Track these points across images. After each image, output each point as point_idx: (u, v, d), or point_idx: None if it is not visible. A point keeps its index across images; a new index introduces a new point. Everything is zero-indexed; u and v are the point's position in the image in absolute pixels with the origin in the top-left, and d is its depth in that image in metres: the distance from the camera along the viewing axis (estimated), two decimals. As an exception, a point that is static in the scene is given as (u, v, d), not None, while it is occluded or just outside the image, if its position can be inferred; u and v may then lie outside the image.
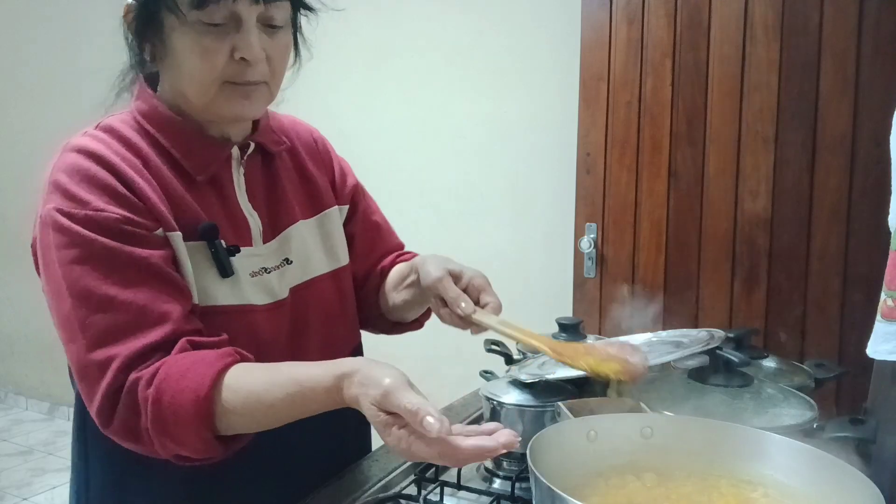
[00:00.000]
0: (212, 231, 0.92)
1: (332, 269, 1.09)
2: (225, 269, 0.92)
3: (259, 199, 1.01)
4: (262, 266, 0.98)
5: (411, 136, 2.77)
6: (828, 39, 1.93)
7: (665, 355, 1.05)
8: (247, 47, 0.87)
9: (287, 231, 1.03)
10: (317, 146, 1.15)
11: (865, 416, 0.96)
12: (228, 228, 0.95)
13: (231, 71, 0.89)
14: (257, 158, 1.03)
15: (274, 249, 1.01)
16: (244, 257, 0.96)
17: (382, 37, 2.76)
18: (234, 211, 0.98)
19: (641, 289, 2.19)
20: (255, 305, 0.95)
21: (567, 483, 0.77)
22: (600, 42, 2.17)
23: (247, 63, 0.89)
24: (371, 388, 0.74)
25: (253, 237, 0.98)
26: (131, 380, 0.82)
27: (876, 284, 0.92)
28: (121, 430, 0.84)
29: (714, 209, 2.09)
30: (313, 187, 1.10)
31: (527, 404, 1.08)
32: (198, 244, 0.91)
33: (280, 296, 0.99)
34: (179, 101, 0.95)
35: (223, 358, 0.83)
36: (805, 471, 0.77)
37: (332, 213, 1.12)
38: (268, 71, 0.92)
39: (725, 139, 2.05)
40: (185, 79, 0.91)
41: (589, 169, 2.23)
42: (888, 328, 0.89)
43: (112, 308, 0.84)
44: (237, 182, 0.99)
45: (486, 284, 1.02)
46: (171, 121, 0.94)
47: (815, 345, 1.98)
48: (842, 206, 1.95)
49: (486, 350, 1.33)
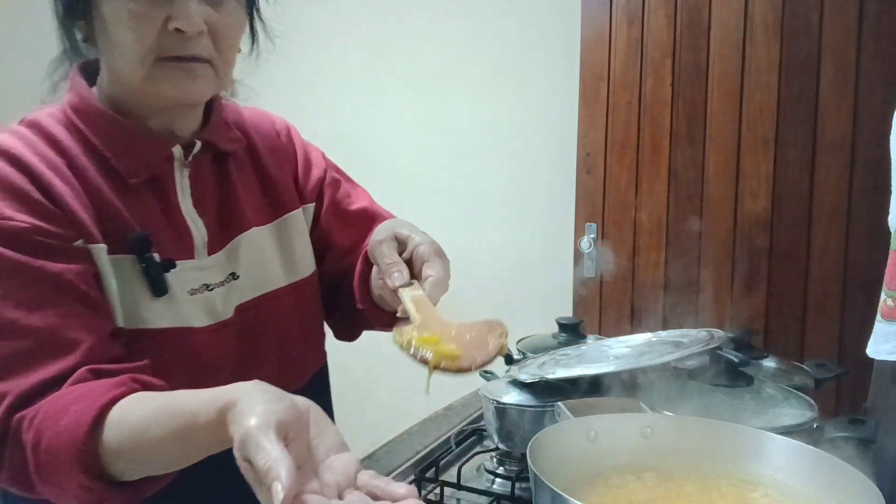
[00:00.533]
0: (142, 243, 0.80)
1: (290, 283, 0.97)
2: (157, 287, 0.81)
3: (207, 204, 0.89)
4: (204, 283, 0.86)
5: (411, 136, 2.77)
6: (828, 39, 1.93)
7: (665, 355, 1.05)
8: (183, 16, 0.77)
9: (236, 240, 0.91)
10: (279, 138, 1.03)
11: (865, 416, 0.96)
12: (167, 238, 0.84)
13: (166, 43, 0.79)
14: (207, 158, 0.91)
15: (219, 262, 0.89)
16: (183, 272, 0.84)
17: (382, 37, 2.76)
18: (175, 218, 0.86)
19: (641, 289, 2.19)
20: (196, 327, 0.84)
21: (567, 483, 0.77)
22: (600, 42, 2.17)
23: (183, 35, 0.78)
24: (236, 427, 0.58)
25: (196, 248, 0.87)
26: (15, 420, 0.70)
27: (876, 284, 0.92)
28: (11, 480, 0.72)
29: (714, 209, 2.09)
30: (273, 190, 0.98)
31: (527, 404, 1.08)
32: (126, 258, 0.80)
33: (224, 315, 0.88)
34: (118, 87, 0.84)
35: (112, 389, 0.70)
36: (805, 471, 0.77)
37: (294, 217, 0.99)
38: (212, 48, 0.81)
39: (725, 139, 2.05)
40: (117, 54, 0.80)
41: (589, 169, 2.23)
42: (888, 328, 0.89)
43: (11, 334, 0.72)
44: (180, 185, 0.87)
45: (431, 254, 0.83)
46: (103, 115, 0.83)
47: (815, 345, 1.98)
48: (842, 206, 1.95)
49: (486, 350, 1.33)
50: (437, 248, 0.85)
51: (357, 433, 1.32)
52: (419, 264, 0.83)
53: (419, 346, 0.70)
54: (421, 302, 0.79)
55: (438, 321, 0.76)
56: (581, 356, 1.14)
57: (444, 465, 1.14)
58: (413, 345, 0.70)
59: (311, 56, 2.83)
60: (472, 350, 0.72)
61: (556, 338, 1.35)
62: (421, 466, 1.13)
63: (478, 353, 0.72)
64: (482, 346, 0.73)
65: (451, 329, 0.75)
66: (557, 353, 1.19)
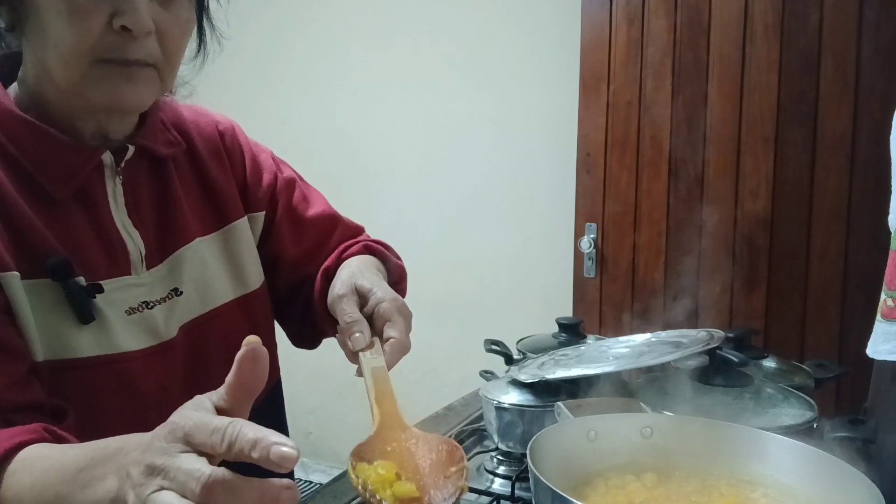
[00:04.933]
0: (63, 268, 0.72)
1: (238, 296, 0.90)
2: (84, 314, 0.73)
3: (143, 214, 0.81)
4: (144, 300, 0.79)
5: (411, 137, 2.77)
6: (828, 39, 1.93)
7: (665, 355, 1.05)
8: (131, 12, 0.69)
9: (179, 252, 0.84)
10: (223, 141, 0.93)
11: (865, 416, 0.96)
12: (98, 255, 0.76)
13: (108, 43, 0.70)
14: (142, 164, 0.82)
15: (160, 277, 0.82)
16: (118, 290, 0.77)
17: (382, 37, 2.76)
18: (107, 232, 0.78)
19: (641, 289, 2.19)
20: (130, 352, 0.76)
21: (567, 483, 0.77)
22: (600, 42, 2.17)
23: (129, 35, 0.70)
24: None
25: (132, 263, 0.79)
26: None
27: (876, 284, 0.92)
28: None
29: (714, 209, 2.09)
30: (216, 196, 0.90)
31: (527, 404, 1.08)
32: (46, 283, 0.72)
33: (166, 336, 0.80)
34: (44, 85, 0.74)
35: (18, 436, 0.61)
36: (805, 471, 0.77)
37: (240, 227, 0.92)
38: (158, 50, 0.73)
39: (725, 139, 2.05)
40: (49, 50, 0.70)
41: (589, 169, 2.23)
42: (888, 328, 0.89)
43: None
44: (112, 195, 0.79)
45: (393, 312, 0.77)
46: (20, 121, 0.73)
47: (815, 345, 1.99)
48: (842, 206, 1.95)
49: (486, 350, 1.33)
50: (400, 304, 0.79)
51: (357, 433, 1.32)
52: (381, 322, 0.78)
53: (376, 489, 0.63)
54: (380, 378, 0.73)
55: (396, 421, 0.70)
56: (581, 356, 1.14)
57: (444, 465, 1.14)
58: (369, 489, 0.63)
59: (311, 56, 2.83)
60: (431, 489, 0.65)
61: (556, 338, 1.35)
62: (421, 466, 1.12)
63: (437, 494, 0.64)
64: (442, 486, 0.66)
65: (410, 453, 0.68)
66: (557, 353, 1.19)
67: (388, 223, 2.74)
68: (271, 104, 2.86)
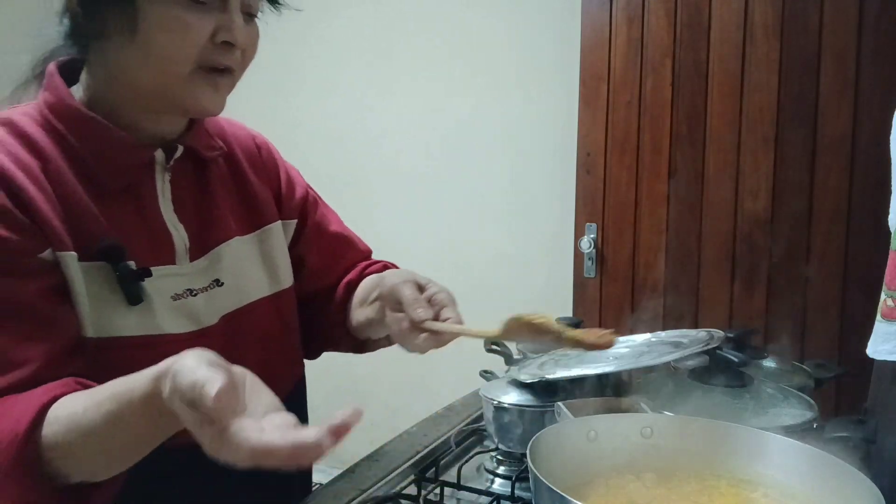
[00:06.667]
0: (115, 251, 0.78)
1: (272, 293, 0.96)
2: (132, 296, 0.78)
3: (187, 211, 0.88)
4: (188, 287, 0.85)
5: (411, 137, 2.77)
6: (828, 39, 1.93)
7: (665, 355, 1.05)
8: (236, 29, 0.79)
9: (219, 249, 0.90)
10: (259, 153, 1.02)
11: (865, 416, 0.96)
12: (146, 244, 0.82)
13: (209, 54, 0.79)
14: (188, 165, 0.89)
15: (202, 269, 0.88)
16: (163, 278, 0.83)
17: (381, 37, 2.76)
18: (156, 223, 0.84)
19: (641, 289, 2.19)
20: (172, 334, 0.82)
21: (567, 483, 0.77)
22: (600, 42, 2.17)
23: (228, 47, 0.80)
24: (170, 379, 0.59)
25: (177, 254, 0.85)
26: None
27: (876, 284, 0.92)
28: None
29: (714, 209, 2.09)
30: (253, 200, 0.97)
31: (527, 404, 1.08)
32: (98, 265, 0.78)
33: (206, 323, 0.86)
34: (115, 88, 0.82)
35: (53, 390, 0.68)
36: (805, 471, 0.77)
37: (275, 230, 0.99)
38: (240, 60, 0.83)
39: (725, 139, 2.05)
40: (151, 60, 0.78)
41: (589, 169, 2.23)
42: (888, 328, 0.89)
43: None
44: (161, 190, 0.86)
45: (450, 301, 0.88)
46: (83, 117, 0.80)
47: (815, 345, 1.98)
48: (842, 206, 1.95)
49: (486, 350, 1.33)
50: (453, 296, 0.90)
51: (357, 433, 1.32)
52: (437, 308, 0.87)
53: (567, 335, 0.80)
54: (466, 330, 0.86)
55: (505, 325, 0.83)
56: (581, 356, 1.14)
57: (444, 465, 1.14)
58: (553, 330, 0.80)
59: (311, 56, 2.83)
60: None
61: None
62: (421, 466, 1.12)
63: None
64: None
65: None
66: (557, 353, 1.19)
67: (388, 223, 2.74)
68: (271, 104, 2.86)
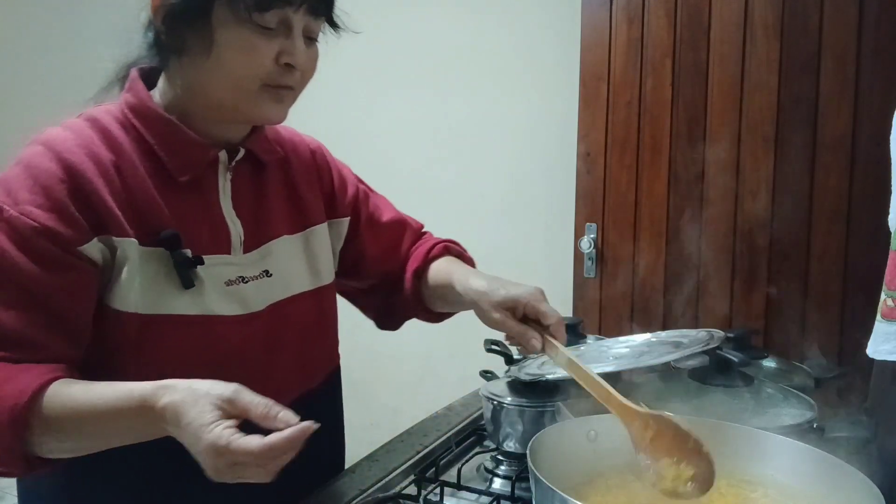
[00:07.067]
0: (173, 240, 0.88)
1: (314, 287, 1.05)
2: (185, 280, 0.88)
3: (244, 207, 0.98)
4: (240, 275, 0.95)
5: (411, 137, 2.77)
6: (828, 39, 1.92)
7: (665, 355, 1.05)
8: (298, 54, 0.89)
9: (269, 244, 1.00)
10: (314, 160, 1.12)
11: (865, 416, 0.96)
12: (206, 234, 0.92)
13: (273, 74, 0.89)
14: (247, 166, 1.00)
15: (254, 260, 0.98)
16: (219, 265, 0.93)
17: (382, 37, 2.76)
18: (216, 216, 0.94)
19: (641, 289, 2.19)
20: (221, 316, 0.92)
21: (567, 483, 0.77)
22: (600, 42, 2.17)
23: (289, 69, 0.89)
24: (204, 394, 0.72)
25: (232, 245, 0.95)
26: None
27: (876, 284, 0.92)
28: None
29: (714, 209, 2.08)
30: (301, 203, 1.07)
31: (527, 404, 1.08)
32: (157, 251, 0.88)
33: (255, 308, 0.96)
34: (190, 97, 0.92)
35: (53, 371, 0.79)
36: (805, 471, 0.77)
37: (320, 231, 1.08)
38: (300, 78, 0.93)
39: (725, 139, 2.05)
40: (223, 76, 0.88)
41: (589, 169, 2.23)
42: (888, 328, 0.89)
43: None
44: (222, 187, 0.96)
45: (539, 299, 0.96)
46: (159, 117, 0.91)
47: (815, 345, 1.98)
48: (842, 206, 1.95)
49: (486, 350, 1.33)
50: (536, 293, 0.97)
51: (357, 433, 1.32)
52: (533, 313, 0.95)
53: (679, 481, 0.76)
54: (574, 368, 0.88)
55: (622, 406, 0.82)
56: (581, 356, 1.14)
57: (444, 465, 1.14)
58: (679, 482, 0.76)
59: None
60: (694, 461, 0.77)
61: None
62: (421, 466, 1.13)
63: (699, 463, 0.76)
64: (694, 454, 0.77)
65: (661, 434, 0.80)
66: (557, 353, 1.19)
67: (388, 223, 2.74)
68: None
